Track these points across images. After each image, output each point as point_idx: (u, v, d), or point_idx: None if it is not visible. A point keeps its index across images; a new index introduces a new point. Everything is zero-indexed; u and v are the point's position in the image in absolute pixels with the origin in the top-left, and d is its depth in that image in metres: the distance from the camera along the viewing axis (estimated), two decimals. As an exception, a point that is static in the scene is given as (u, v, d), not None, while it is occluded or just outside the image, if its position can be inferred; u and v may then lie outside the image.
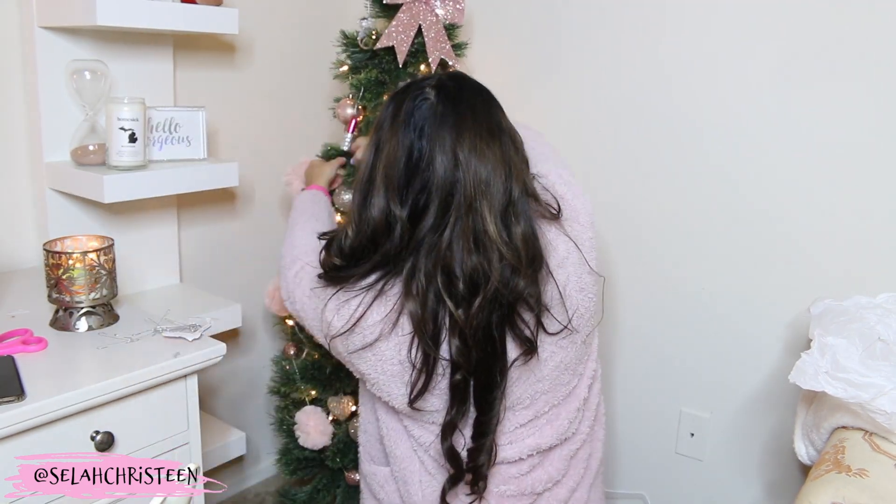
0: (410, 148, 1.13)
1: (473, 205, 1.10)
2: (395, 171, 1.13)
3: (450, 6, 1.80)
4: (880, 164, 1.53)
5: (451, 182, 1.11)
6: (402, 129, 1.15)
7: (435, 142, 1.12)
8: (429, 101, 1.15)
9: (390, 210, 1.13)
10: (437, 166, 1.11)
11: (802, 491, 1.15)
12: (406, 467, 1.26)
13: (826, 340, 1.26)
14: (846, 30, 1.53)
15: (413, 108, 1.15)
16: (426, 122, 1.13)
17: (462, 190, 1.10)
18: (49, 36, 1.60)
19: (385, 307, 1.14)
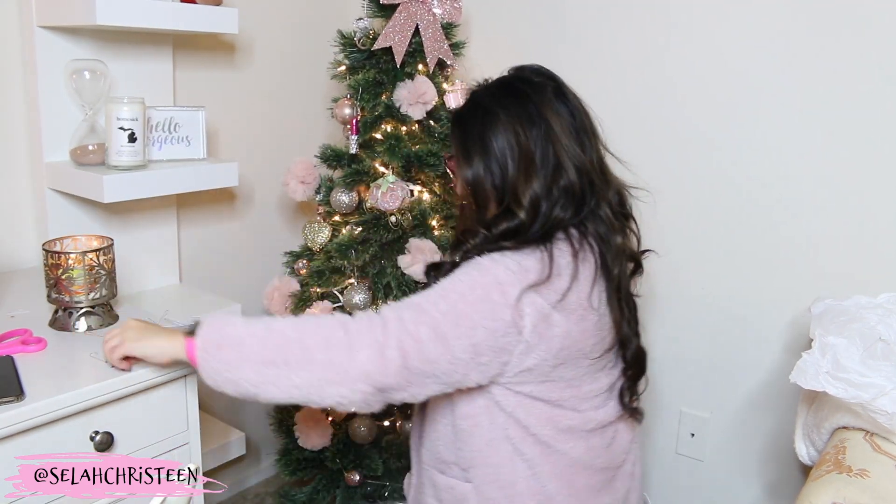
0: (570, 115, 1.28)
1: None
2: (566, 139, 1.24)
3: (447, 5, 1.80)
4: (881, 164, 1.53)
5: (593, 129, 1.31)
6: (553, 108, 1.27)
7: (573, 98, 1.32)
8: (549, 85, 1.30)
9: (573, 177, 1.23)
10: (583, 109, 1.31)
11: (803, 491, 1.15)
12: (505, 474, 1.24)
13: (827, 340, 1.26)
14: (848, 31, 1.53)
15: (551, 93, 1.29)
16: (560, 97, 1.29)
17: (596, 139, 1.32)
18: (49, 35, 1.60)
19: (565, 253, 1.20)
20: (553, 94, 1.28)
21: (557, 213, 1.22)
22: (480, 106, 1.30)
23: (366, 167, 1.83)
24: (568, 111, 1.28)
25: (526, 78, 1.32)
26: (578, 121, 1.28)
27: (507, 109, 1.26)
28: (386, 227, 1.79)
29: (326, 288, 1.87)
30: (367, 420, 1.84)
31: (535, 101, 1.26)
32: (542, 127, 1.24)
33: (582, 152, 1.25)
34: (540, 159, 1.23)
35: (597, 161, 1.29)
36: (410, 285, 1.80)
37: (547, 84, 1.30)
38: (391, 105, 1.80)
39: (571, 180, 1.23)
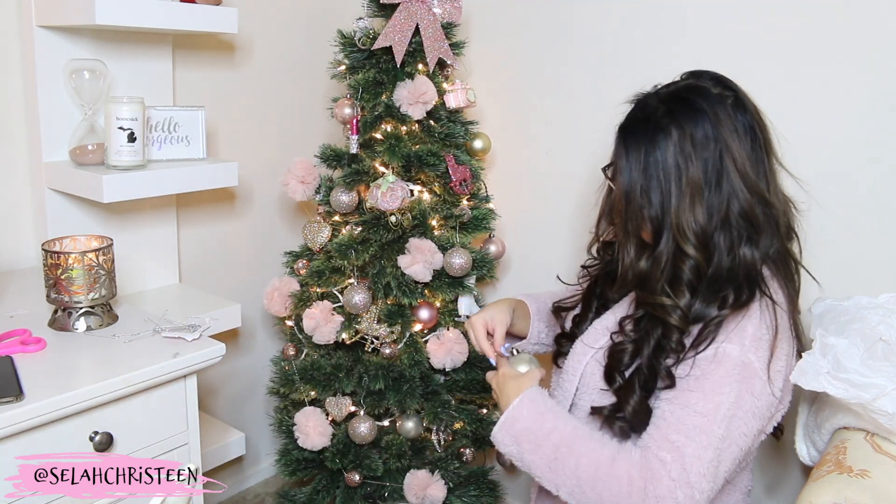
0: (746, 130, 1.19)
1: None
2: (749, 161, 1.18)
3: (447, 5, 1.80)
4: (882, 164, 1.53)
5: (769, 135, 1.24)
6: (732, 127, 1.18)
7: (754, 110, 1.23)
8: (731, 96, 1.21)
9: (764, 197, 1.18)
10: (763, 125, 1.23)
11: (803, 491, 1.15)
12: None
13: (827, 341, 1.25)
14: (848, 28, 1.53)
15: (730, 107, 1.19)
16: (744, 105, 1.21)
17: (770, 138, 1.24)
18: (48, 35, 1.60)
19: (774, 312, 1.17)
20: (732, 109, 1.18)
21: (744, 253, 1.15)
22: (651, 118, 1.20)
23: (366, 167, 1.83)
24: (746, 128, 1.19)
25: (703, 89, 1.21)
26: (758, 138, 1.20)
27: (679, 125, 1.16)
28: (386, 227, 1.79)
29: (326, 288, 1.87)
30: (368, 420, 1.84)
31: (711, 116, 1.16)
32: (716, 148, 1.15)
33: (757, 175, 1.18)
34: (711, 185, 1.15)
35: (773, 184, 1.22)
36: (410, 285, 1.79)
37: (726, 97, 1.19)
38: (391, 105, 1.79)
39: (744, 208, 1.15)
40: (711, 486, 1.06)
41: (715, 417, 1.07)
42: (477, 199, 1.92)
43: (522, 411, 1.20)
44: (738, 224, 1.16)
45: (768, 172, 1.21)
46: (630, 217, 1.21)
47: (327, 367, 1.87)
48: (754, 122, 1.20)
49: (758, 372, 1.11)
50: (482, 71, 2.10)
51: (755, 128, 1.20)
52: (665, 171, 1.16)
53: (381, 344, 1.81)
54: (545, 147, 2.02)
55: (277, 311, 1.95)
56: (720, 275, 1.15)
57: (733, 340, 1.11)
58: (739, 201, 1.15)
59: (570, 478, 1.12)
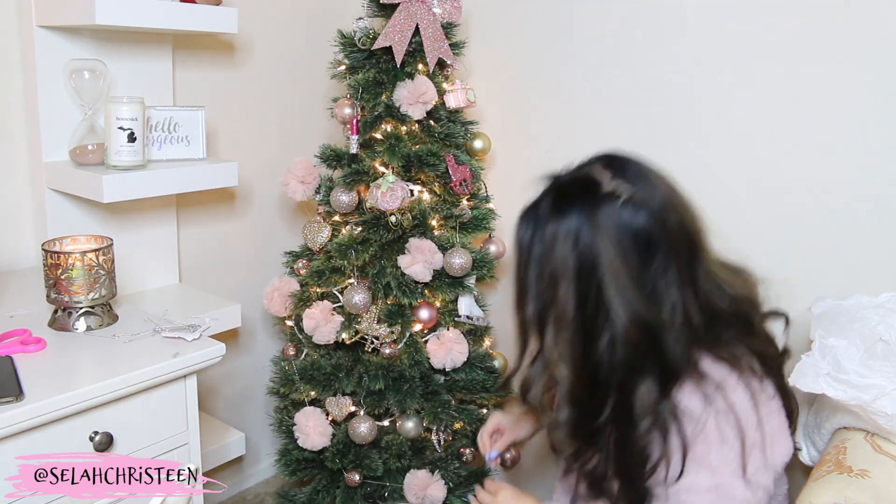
0: (637, 237, 1.04)
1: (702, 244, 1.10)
2: (630, 275, 1.02)
3: (447, 5, 1.80)
4: (882, 163, 1.53)
5: (690, 232, 1.07)
6: (614, 233, 1.04)
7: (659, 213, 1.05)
8: (619, 188, 1.06)
9: (646, 318, 1.02)
10: (670, 230, 1.05)
11: (803, 492, 1.15)
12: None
13: (827, 342, 1.25)
14: (848, 28, 1.53)
15: (614, 212, 1.04)
16: (637, 206, 1.05)
17: (695, 233, 1.08)
18: (48, 35, 1.60)
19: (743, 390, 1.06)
20: (622, 210, 1.04)
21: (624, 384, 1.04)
22: (539, 209, 1.10)
23: (366, 167, 1.83)
24: (638, 235, 1.03)
25: (594, 184, 1.07)
26: (656, 248, 1.04)
27: (555, 227, 1.06)
28: (386, 227, 1.79)
29: (326, 288, 1.87)
30: (367, 420, 1.84)
31: (590, 223, 1.03)
32: (594, 266, 1.02)
33: (646, 294, 1.02)
34: (585, 304, 1.03)
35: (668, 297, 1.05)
36: (410, 285, 1.79)
37: (617, 196, 1.05)
38: (391, 105, 1.79)
39: (621, 337, 1.02)
40: None
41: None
42: (477, 199, 1.92)
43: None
44: (620, 352, 1.03)
45: (668, 287, 1.04)
46: (515, 308, 1.12)
47: (327, 367, 1.87)
48: (653, 229, 1.04)
49: (734, 491, 1.03)
50: (482, 71, 2.10)
51: (653, 235, 1.04)
52: (543, 272, 1.06)
53: (381, 344, 1.81)
54: (545, 147, 2.02)
55: (277, 311, 1.95)
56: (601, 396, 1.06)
57: (701, 472, 1.04)
58: (617, 326, 1.02)
59: None
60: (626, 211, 1.03)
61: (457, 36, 1.87)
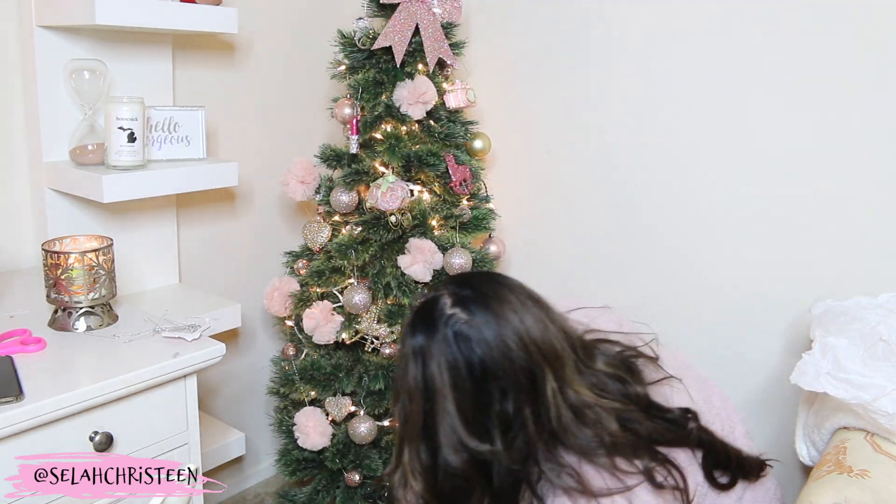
0: (470, 366, 1.03)
1: (560, 375, 1.05)
2: (462, 403, 1.02)
3: (447, 5, 1.80)
4: (881, 164, 1.53)
5: (529, 369, 1.03)
6: (446, 359, 1.04)
7: (494, 343, 1.03)
8: (456, 315, 1.05)
9: (477, 451, 1.02)
10: (512, 361, 1.02)
11: (804, 492, 1.15)
12: None
13: (827, 341, 1.26)
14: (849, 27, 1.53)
15: (449, 335, 1.04)
16: (469, 334, 1.03)
17: (547, 369, 1.04)
18: (48, 35, 1.60)
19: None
20: (454, 338, 1.03)
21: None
22: (404, 341, 1.09)
23: (366, 167, 1.83)
24: (467, 365, 1.02)
25: (436, 306, 1.06)
26: (487, 379, 1.02)
27: (404, 346, 1.08)
28: (386, 226, 1.79)
29: (326, 288, 1.87)
30: (367, 420, 1.84)
31: (426, 350, 1.04)
32: (432, 389, 1.03)
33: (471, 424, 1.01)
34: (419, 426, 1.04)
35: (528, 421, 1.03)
36: (410, 285, 1.79)
37: (457, 320, 1.04)
38: (391, 105, 1.79)
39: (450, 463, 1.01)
40: None
41: None
42: (477, 199, 1.92)
43: None
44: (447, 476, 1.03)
45: (508, 413, 1.03)
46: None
47: (327, 367, 1.87)
48: (486, 358, 1.02)
49: None
50: (482, 71, 2.10)
51: (487, 364, 1.02)
52: (402, 388, 1.08)
53: (381, 344, 1.81)
54: (545, 147, 2.02)
55: (277, 311, 1.95)
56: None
57: None
58: (444, 449, 1.03)
59: None
60: (459, 340, 1.03)
61: (457, 36, 1.87)
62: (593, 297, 1.98)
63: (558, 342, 1.06)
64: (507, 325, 1.03)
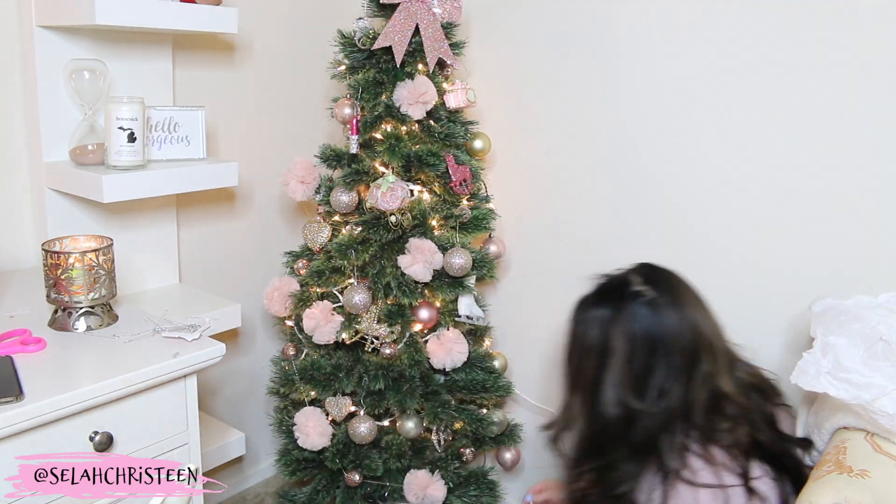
0: (647, 336, 1.24)
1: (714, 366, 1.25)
2: (631, 365, 1.24)
3: (447, 5, 1.80)
4: (881, 164, 1.53)
5: (692, 352, 1.23)
6: (628, 328, 1.25)
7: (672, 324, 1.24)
8: (644, 293, 1.27)
9: (632, 407, 1.23)
10: (682, 340, 1.24)
11: (804, 491, 1.15)
12: None
13: (828, 340, 1.25)
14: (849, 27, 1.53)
15: (635, 309, 1.26)
16: (653, 312, 1.25)
17: (706, 347, 1.25)
18: (48, 35, 1.60)
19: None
20: (641, 308, 1.25)
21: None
22: (588, 301, 1.34)
23: (366, 167, 1.83)
24: (645, 333, 1.24)
25: (624, 283, 1.30)
26: (659, 348, 1.24)
27: (591, 312, 1.31)
28: (386, 226, 1.79)
29: (326, 288, 1.87)
30: (367, 420, 1.84)
31: (611, 316, 1.27)
32: (609, 350, 1.25)
33: (636, 387, 1.23)
34: (590, 377, 1.27)
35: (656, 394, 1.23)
36: (410, 285, 1.79)
37: (642, 296, 1.26)
38: (391, 105, 1.79)
39: (608, 410, 1.24)
40: None
41: None
42: (477, 199, 1.92)
43: None
44: (605, 420, 1.25)
45: (667, 381, 1.23)
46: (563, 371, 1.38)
47: (327, 367, 1.87)
48: (665, 333, 1.24)
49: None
50: (482, 71, 2.10)
51: (663, 338, 1.23)
52: (578, 346, 1.32)
53: (381, 344, 1.81)
54: (545, 147, 2.02)
55: (277, 311, 1.95)
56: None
57: None
58: (605, 401, 1.25)
59: None
60: (644, 315, 1.25)
61: (457, 36, 1.87)
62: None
63: (717, 338, 1.29)
64: (685, 312, 1.26)
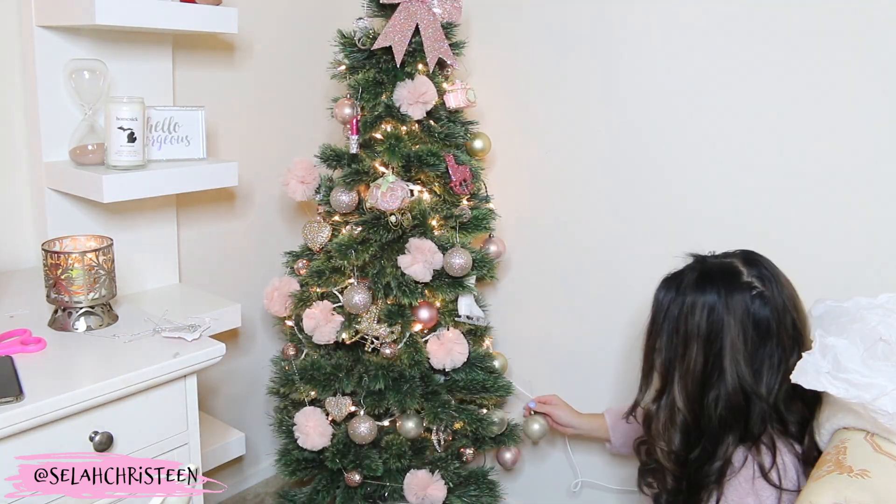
0: (758, 325, 1.30)
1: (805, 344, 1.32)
2: (746, 352, 1.29)
3: (447, 5, 1.80)
4: (881, 164, 1.53)
5: (795, 336, 1.31)
6: (742, 317, 1.29)
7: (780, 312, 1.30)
8: (754, 282, 1.31)
9: (748, 388, 1.29)
10: (786, 328, 1.30)
11: (804, 491, 1.15)
12: None
13: (827, 341, 1.25)
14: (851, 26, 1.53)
15: (747, 299, 1.30)
16: (765, 299, 1.30)
17: (802, 334, 1.33)
18: (48, 35, 1.60)
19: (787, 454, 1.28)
20: (752, 300, 1.30)
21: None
22: (682, 279, 1.36)
23: (366, 167, 1.83)
24: (759, 323, 1.29)
25: (736, 273, 1.33)
26: (770, 338, 1.30)
27: (694, 297, 1.33)
28: (386, 226, 1.79)
29: (326, 288, 1.87)
30: (367, 420, 1.84)
31: (724, 301, 1.30)
32: (717, 333, 1.29)
33: (752, 370, 1.28)
34: (707, 362, 1.31)
35: (770, 383, 1.30)
36: (410, 285, 1.79)
37: (753, 287, 1.31)
38: (391, 105, 1.79)
39: (728, 393, 1.28)
40: None
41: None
42: (477, 199, 1.92)
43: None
44: (722, 407, 1.30)
45: (769, 370, 1.30)
46: (645, 353, 1.42)
47: (327, 367, 1.87)
48: (772, 321, 1.29)
49: None
50: (482, 71, 2.10)
51: (771, 327, 1.29)
52: (678, 331, 1.34)
53: (381, 344, 1.81)
54: (545, 147, 2.02)
55: (277, 311, 1.95)
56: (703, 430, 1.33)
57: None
58: (726, 386, 1.29)
59: None
60: (756, 302, 1.30)
61: (457, 36, 1.87)
62: (593, 297, 1.99)
63: (806, 324, 1.35)
64: (790, 300, 1.32)
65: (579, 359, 2.03)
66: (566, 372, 2.06)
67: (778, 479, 1.25)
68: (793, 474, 1.26)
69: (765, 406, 1.28)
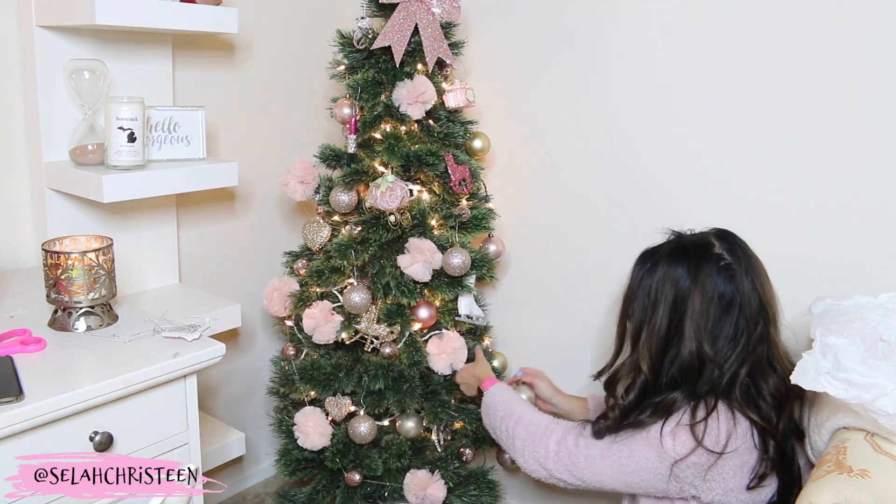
0: (722, 296, 1.36)
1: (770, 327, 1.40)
2: (706, 319, 1.36)
3: (446, 5, 1.80)
4: (881, 163, 1.53)
5: (759, 312, 1.37)
6: (707, 287, 1.37)
7: (746, 287, 1.37)
8: (724, 256, 1.39)
9: (704, 352, 1.36)
10: (751, 304, 1.37)
11: (804, 491, 1.15)
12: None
13: (827, 340, 1.25)
14: (851, 25, 1.53)
15: (715, 270, 1.37)
16: (732, 274, 1.37)
17: (767, 319, 1.39)
18: (48, 35, 1.60)
19: (723, 421, 1.33)
20: (717, 273, 1.36)
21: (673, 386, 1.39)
22: (657, 253, 1.44)
23: (365, 167, 1.83)
24: (722, 296, 1.36)
25: (707, 246, 1.41)
26: (733, 312, 1.36)
27: (666, 267, 1.41)
28: (385, 226, 1.79)
29: (326, 288, 1.87)
30: (367, 420, 1.84)
31: (692, 272, 1.37)
32: (681, 299, 1.37)
33: (711, 337, 1.35)
34: (671, 327, 1.38)
35: (727, 351, 1.36)
36: (409, 285, 1.79)
37: (721, 260, 1.37)
38: (390, 104, 1.79)
39: (684, 356, 1.36)
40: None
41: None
42: (476, 199, 1.92)
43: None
44: (676, 367, 1.38)
45: (728, 340, 1.36)
46: (619, 320, 1.51)
47: (327, 367, 1.87)
48: (736, 294, 1.36)
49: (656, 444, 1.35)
50: (482, 71, 2.10)
51: (735, 298, 1.36)
52: (648, 297, 1.42)
53: (381, 344, 1.81)
54: (545, 147, 2.02)
55: (277, 311, 1.95)
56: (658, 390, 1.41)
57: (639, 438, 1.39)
58: (684, 348, 1.37)
59: None
60: (723, 273, 1.37)
61: (456, 36, 1.87)
62: (592, 297, 1.99)
63: (774, 307, 1.43)
64: (757, 277, 1.39)
65: (579, 358, 2.03)
66: (566, 371, 2.05)
67: (700, 435, 1.31)
68: (722, 438, 1.31)
69: (717, 371, 1.35)
